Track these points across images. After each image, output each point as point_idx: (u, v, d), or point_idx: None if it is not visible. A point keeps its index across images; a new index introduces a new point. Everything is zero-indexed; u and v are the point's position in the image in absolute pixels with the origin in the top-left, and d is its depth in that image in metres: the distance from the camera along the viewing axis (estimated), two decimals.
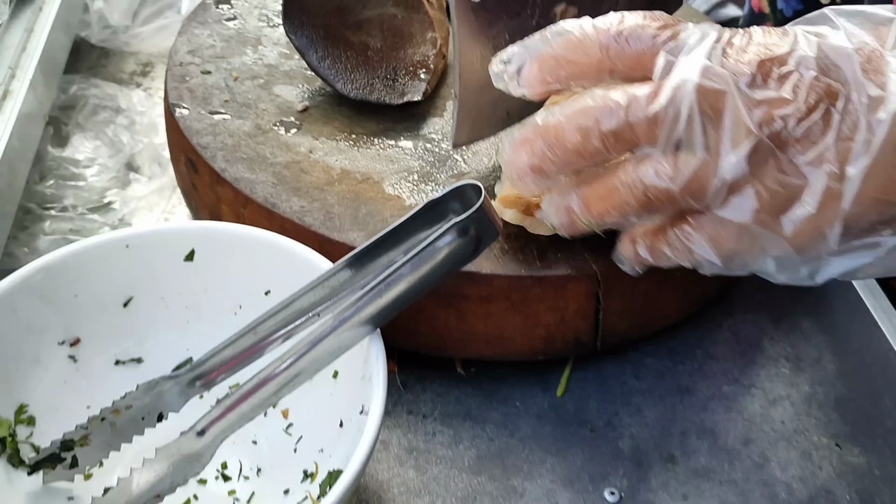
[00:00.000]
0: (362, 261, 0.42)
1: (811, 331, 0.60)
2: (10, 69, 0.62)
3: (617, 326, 0.53)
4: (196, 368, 0.46)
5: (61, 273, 0.48)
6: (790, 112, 0.39)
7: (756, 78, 0.40)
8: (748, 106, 0.40)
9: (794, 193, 0.40)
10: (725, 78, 0.40)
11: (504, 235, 0.51)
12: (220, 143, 0.56)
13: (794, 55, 0.41)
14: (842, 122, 0.40)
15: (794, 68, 0.40)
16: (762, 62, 0.40)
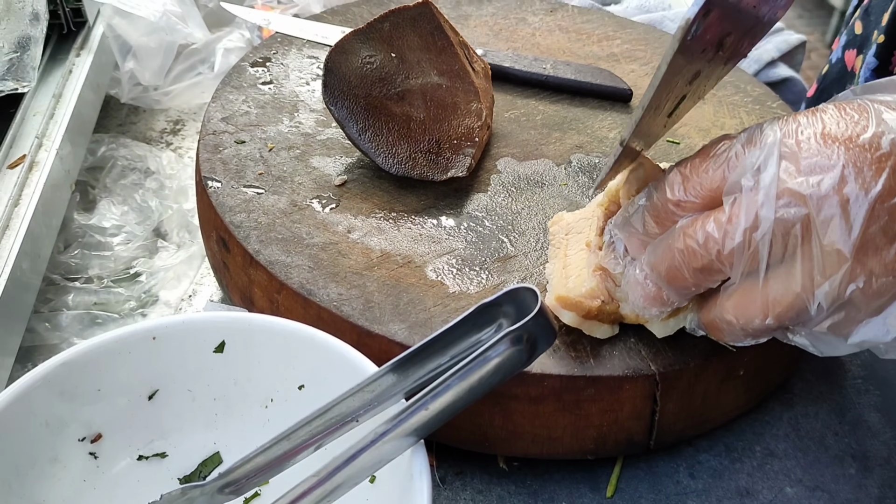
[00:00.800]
0: (407, 366, 0.39)
1: (879, 426, 0.56)
2: (37, 138, 0.60)
3: (673, 426, 0.50)
4: (226, 476, 0.43)
5: (84, 368, 0.45)
6: (895, 203, 0.36)
7: (846, 170, 0.37)
8: (841, 210, 0.37)
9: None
10: (804, 197, 0.37)
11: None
12: (254, 221, 0.53)
13: (885, 137, 0.37)
14: None
15: (890, 150, 0.37)
16: (850, 149, 0.37)
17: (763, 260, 0.38)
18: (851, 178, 0.36)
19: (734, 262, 0.39)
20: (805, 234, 0.37)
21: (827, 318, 0.39)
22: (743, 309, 0.40)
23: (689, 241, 0.40)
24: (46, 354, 0.57)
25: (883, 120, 0.38)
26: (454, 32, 0.60)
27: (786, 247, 0.38)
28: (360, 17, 0.76)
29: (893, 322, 0.38)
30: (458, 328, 0.40)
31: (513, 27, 0.78)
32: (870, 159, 0.37)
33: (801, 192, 0.37)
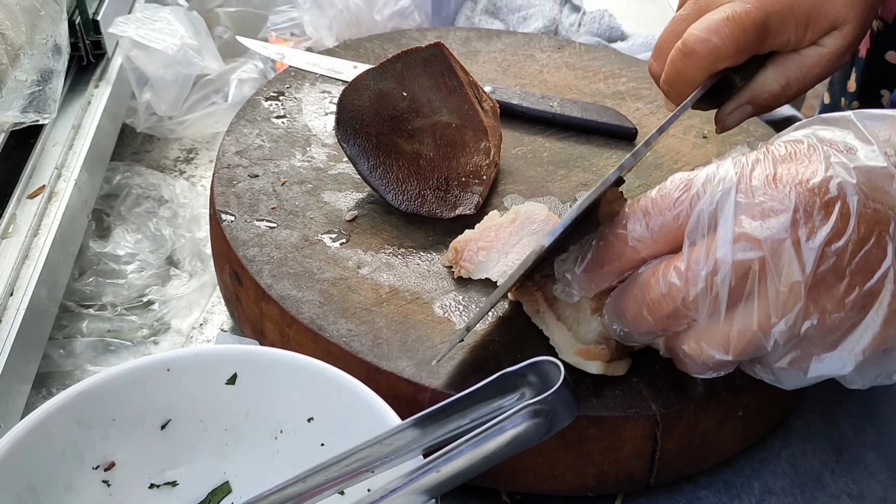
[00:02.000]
0: (427, 423, 0.40)
1: (876, 466, 0.57)
2: (56, 169, 0.61)
3: (673, 464, 0.51)
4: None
5: (100, 397, 0.46)
6: (843, 245, 0.39)
7: (797, 214, 0.39)
8: (793, 254, 0.39)
9: (854, 325, 0.40)
10: (759, 241, 0.39)
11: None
12: (266, 255, 0.54)
13: (833, 182, 0.40)
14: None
15: (837, 194, 0.39)
16: (800, 193, 0.39)
17: (723, 302, 0.40)
18: (802, 222, 0.39)
19: (699, 306, 0.41)
20: (761, 275, 0.40)
21: (785, 355, 0.41)
22: (703, 345, 0.42)
23: (651, 294, 0.42)
24: (60, 381, 0.58)
25: (831, 164, 0.40)
26: (464, 72, 0.62)
27: (744, 287, 0.40)
28: (371, 52, 0.78)
29: (848, 356, 0.40)
30: (481, 392, 0.41)
31: (521, 63, 0.79)
32: (818, 203, 0.39)
33: (756, 235, 0.39)
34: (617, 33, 0.93)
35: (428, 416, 0.40)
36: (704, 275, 0.40)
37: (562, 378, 0.37)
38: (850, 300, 0.39)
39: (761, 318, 0.40)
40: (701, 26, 0.52)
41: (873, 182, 0.40)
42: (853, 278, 0.39)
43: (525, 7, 0.94)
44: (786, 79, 0.56)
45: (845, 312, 0.39)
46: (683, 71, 0.53)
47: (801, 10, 0.53)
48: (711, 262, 0.40)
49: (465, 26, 0.92)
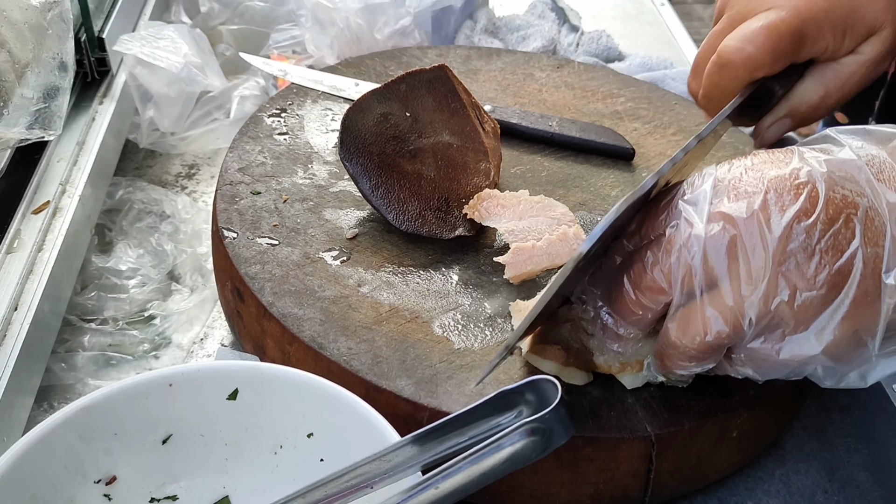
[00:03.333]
0: (426, 440, 0.41)
1: (868, 485, 0.58)
2: (60, 184, 0.62)
3: (668, 483, 0.51)
4: None
5: (102, 412, 0.47)
6: (812, 223, 0.41)
7: (768, 195, 0.41)
8: (764, 228, 0.41)
9: (824, 305, 0.42)
10: (732, 219, 0.41)
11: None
12: (268, 273, 0.55)
13: (803, 170, 0.42)
14: (865, 229, 0.41)
15: (807, 180, 0.41)
16: (772, 179, 0.42)
17: (697, 276, 0.43)
18: (773, 202, 0.41)
19: (672, 280, 0.43)
20: (732, 252, 0.42)
21: (760, 335, 0.43)
22: (685, 328, 0.44)
23: (636, 266, 0.45)
24: (62, 394, 0.59)
25: (804, 158, 0.43)
26: (467, 94, 0.63)
27: (718, 266, 0.42)
28: (373, 69, 0.78)
29: (819, 335, 0.42)
30: (479, 410, 0.41)
31: (520, 82, 0.80)
32: (789, 186, 0.42)
33: (729, 213, 0.42)
34: (614, 53, 0.94)
35: (427, 434, 0.41)
36: (678, 247, 0.43)
37: (559, 397, 0.38)
38: (821, 278, 0.41)
39: (735, 295, 0.42)
40: (736, 36, 0.53)
41: (843, 171, 0.42)
42: (822, 257, 0.41)
43: (524, 27, 0.95)
44: (825, 88, 0.57)
45: (816, 290, 0.41)
46: (720, 83, 0.54)
47: (837, 16, 0.54)
48: (686, 237, 0.43)
49: (465, 45, 0.93)
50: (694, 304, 0.43)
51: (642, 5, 1.17)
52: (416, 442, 0.41)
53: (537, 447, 0.38)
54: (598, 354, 0.50)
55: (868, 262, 0.41)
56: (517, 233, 0.57)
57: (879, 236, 0.41)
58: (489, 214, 0.59)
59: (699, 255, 0.42)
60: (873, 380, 0.44)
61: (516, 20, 0.96)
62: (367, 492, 0.41)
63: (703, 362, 0.46)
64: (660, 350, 0.47)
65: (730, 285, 0.42)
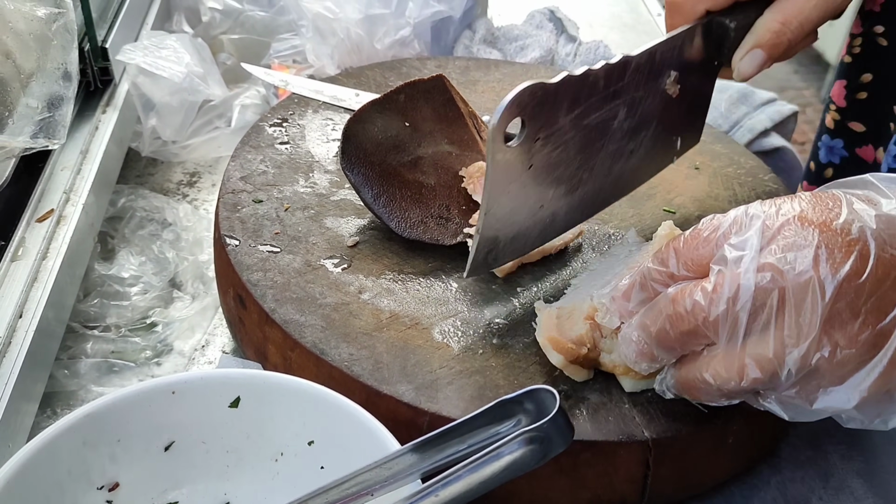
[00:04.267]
0: (426, 448, 0.42)
1: (862, 492, 0.58)
2: (64, 193, 0.63)
3: (665, 489, 0.52)
4: None
5: (106, 419, 0.47)
6: (861, 283, 0.41)
7: (819, 250, 0.41)
8: (815, 285, 0.41)
9: (862, 363, 0.42)
10: (782, 272, 0.41)
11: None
12: (270, 280, 0.56)
13: (854, 224, 0.42)
14: None
15: (858, 237, 0.41)
16: (824, 232, 0.42)
17: (742, 326, 0.42)
18: (823, 259, 0.41)
19: (719, 328, 0.43)
20: (780, 305, 0.42)
21: (795, 385, 0.43)
22: (721, 371, 0.44)
23: (677, 308, 0.44)
24: (65, 401, 0.59)
25: (854, 210, 0.42)
26: (464, 103, 0.64)
27: (762, 316, 0.42)
28: (373, 79, 0.79)
29: (854, 392, 0.42)
30: (478, 419, 0.42)
31: None
32: (840, 242, 0.41)
33: (779, 266, 0.41)
34: None
35: (427, 442, 0.42)
36: (727, 297, 0.42)
37: (557, 406, 0.39)
38: (863, 338, 0.41)
39: (777, 347, 0.42)
40: None
41: (892, 230, 0.42)
42: (867, 317, 0.41)
43: (522, 37, 0.96)
44: (783, 16, 0.59)
45: (856, 349, 0.41)
46: (673, 23, 0.60)
47: None
48: (734, 287, 0.42)
49: (464, 55, 0.94)
50: (734, 347, 0.43)
51: (639, 15, 1.18)
52: (416, 450, 0.42)
53: (536, 455, 0.39)
54: (605, 354, 0.52)
55: None
56: None
57: None
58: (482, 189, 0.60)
59: (747, 308, 0.42)
60: (895, 425, 0.45)
61: (514, 30, 0.97)
62: (368, 499, 0.42)
63: (732, 400, 0.46)
64: (689, 381, 0.47)
65: (774, 337, 0.42)
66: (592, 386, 0.52)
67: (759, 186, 0.71)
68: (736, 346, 0.43)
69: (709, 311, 0.43)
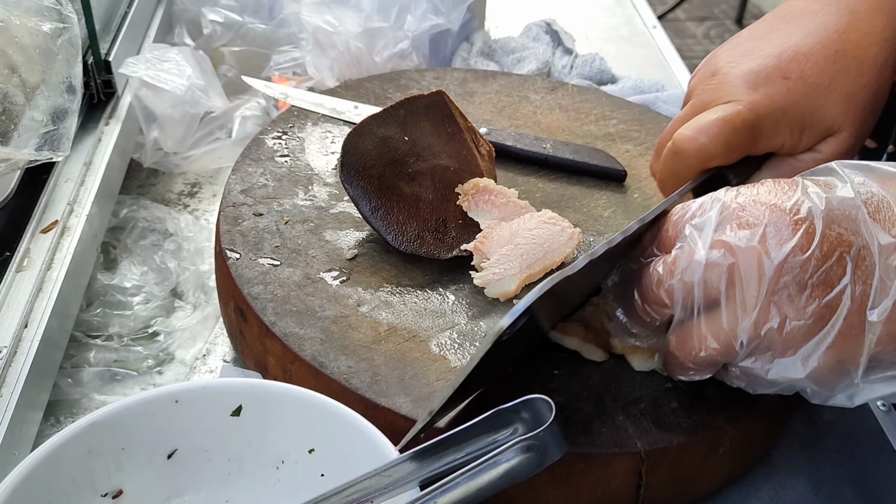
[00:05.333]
0: (424, 456, 0.43)
1: (852, 499, 0.59)
2: (68, 204, 0.64)
3: (658, 498, 0.53)
4: None
5: (110, 427, 0.48)
6: (806, 258, 0.43)
7: (768, 228, 0.44)
8: (762, 260, 0.44)
9: (811, 334, 0.44)
10: (732, 248, 0.44)
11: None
12: (270, 293, 0.57)
13: (804, 205, 0.44)
14: (856, 267, 0.44)
15: (806, 216, 0.44)
16: (773, 212, 0.44)
17: (697, 299, 0.46)
18: (771, 235, 0.44)
19: (674, 298, 0.47)
20: (731, 279, 0.45)
21: (751, 356, 0.46)
22: (682, 343, 0.48)
23: (644, 280, 0.49)
24: (68, 409, 0.60)
25: (807, 192, 0.45)
26: (463, 118, 0.65)
27: (716, 289, 0.45)
28: (372, 92, 0.80)
29: (804, 361, 0.45)
30: (476, 428, 0.43)
31: (515, 105, 0.82)
32: (787, 221, 0.44)
33: (731, 242, 0.45)
34: (607, 76, 0.96)
35: (425, 450, 0.43)
36: (681, 269, 0.46)
37: (553, 415, 0.40)
38: (810, 310, 0.44)
39: (729, 318, 0.45)
40: (691, 126, 0.55)
41: (840, 210, 0.45)
42: (813, 290, 0.44)
43: (519, 49, 0.98)
44: (776, 176, 0.57)
45: (804, 321, 0.44)
46: (674, 169, 0.56)
47: (795, 115, 0.55)
48: (688, 261, 0.46)
49: (462, 67, 0.95)
50: (692, 321, 0.47)
51: (635, 27, 1.19)
52: (414, 458, 0.43)
53: (532, 463, 0.40)
54: (613, 336, 0.54)
55: (855, 298, 0.43)
56: (495, 238, 0.60)
57: (869, 275, 0.44)
58: (477, 207, 0.62)
59: (699, 279, 0.45)
60: (859, 402, 0.47)
61: (511, 43, 0.99)
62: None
63: (700, 373, 0.49)
64: (664, 357, 0.51)
65: (726, 309, 0.45)
66: (586, 398, 0.53)
67: None
68: (693, 319, 0.46)
69: (666, 281, 0.47)
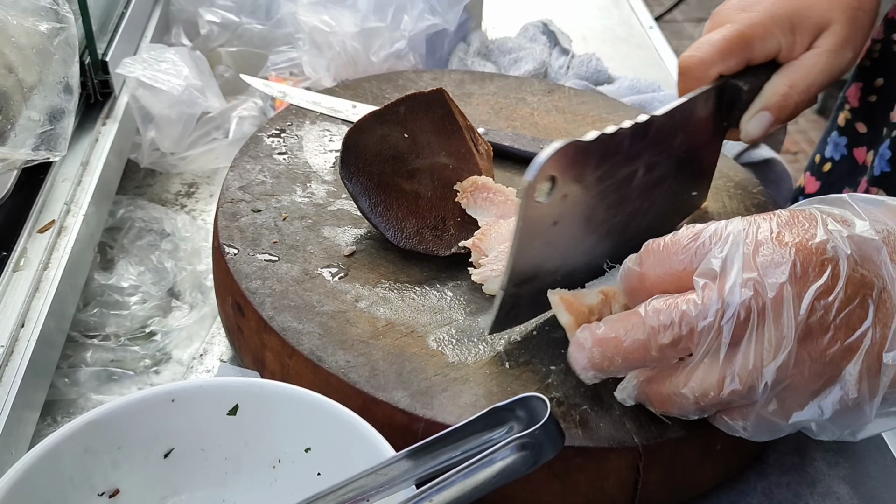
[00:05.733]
0: (421, 454, 0.43)
1: (847, 498, 0.59)
2: (65, 204, 0.64)
3: (655, 494, 0.53)
4: None
5: (107, 426, 0.48)
6: (831, 301, 0.43)
7: (796, 267, 0.43)
8: (790, 301, 0.43)
9: (832, 377, 0.44)
10: (763, 287, 0.43)
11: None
12: (268, 288, 0.57)
13: (829, 244, 0.44)
14: (878, 310, 0.43)
15: (832, 256, 0.43)
16: (800, 250, 0.43)
17: (726, 339, 0.44)
18: (799, 275, 0.43)
19: (701, 340, 0.44)
20: (760, 319, 0.43)
21: (771, 400, 0.45)
22: (700, 383, 0.45)
23: (662, 318, 0.45)
24: (65, 409, 0.60)
25: (829, 230, 0.44)
26: (462, 117, 0.65)
27: (744, 330, 0.44)
28: (369, 92, 0.81)
29: (826, 404, 0.44)
30: (471, 426, 0.43)
31: (513, 106, 0.82)
32: (815, 261, 0.43)
33: (760, 281, 0.43)
34: (604, 77, 0.97)
35: (421, 448, 0.43)
36: (715, 310, 0.44)
37: (548, 413, 0.40)
38: (831, 352, 0.43)
39: (756, 360, 0.43)
40: (690, 48, 0.63)
41: (863, 251, 0.44)
42: (836, 332, 0.43)
43: (516, 50, 0.98)
44: (790, 80, 0.63)
45: (824, 364, 0.43)
46: (685, 88, 0.63)
47: (781, 18, 0.62)
48: (721, 300, 0.44)
49: (459, 68, 0.95)
50: (715, 360, 0.45)
51: (631, 28, 1.20)
52: (410, 456, 0.43)
53: (527, 461, 0.40)
54: None
55: (875, 341, 0.43)
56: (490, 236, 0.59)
57: (889, 317, 0.43)
58: (476, 205, 0.62)
59: (732, 320, 0.43)
60: (863, 436, 0.47)
61: (508, 43, 0.99)
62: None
63: (705, 413, 0.48)
64: (662, 394, 0.48)
65: (754, 350, 0.44)
66: (584, 393, 0.53)
67: (748, 199, 0.72)
68: (718, 359, 0.44)
69: (696, 322, 0.44)
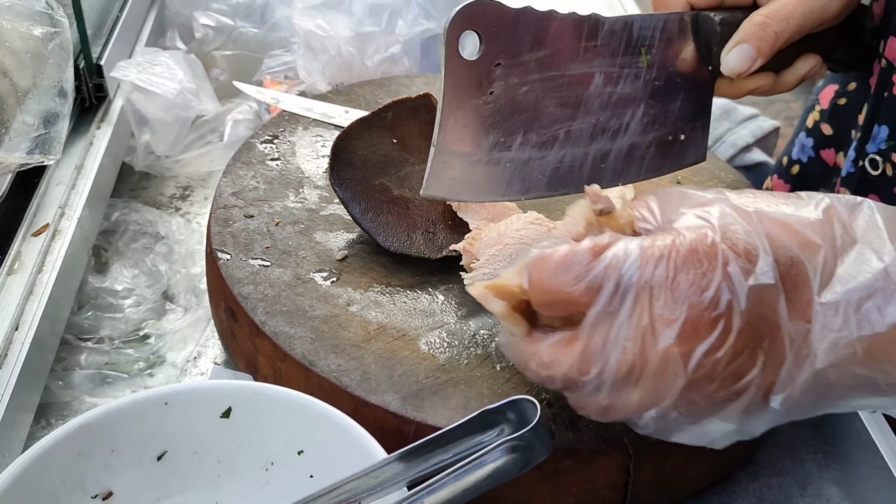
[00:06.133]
0: (412, 457, 0.43)
1: (838, 499, 0.60)
2: (59, 208, 0.64)
3: (645, 496, 0.53)
4: None
5: (100, 429, 0.48)
6: (719, 357, 0.42)
7: (686, 326, 0.42)
8: (677, 363, 0.42)
9: (713, 414, 0.44)
10: (651, 341, 0.42)
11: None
12: (260, 293, 0.57)
13: (723, 298, 0.42)
14: (767, 359, 0.43)
15: (723, 312, 0.42)
16: (692, 306, 0.42)
17: (606, 386, 0.43)
18: (687, 334, 0.42)
19: (584, 386, 0.44)
20: (641, 373, 0.43)
21: (651, 425, 0.45)
22: (585, 406, 0.46)
23: (545, 373, 0.45)
24: (59, 412, 0.60)
25: (727, 273, 0.42)
26: None
27: (628, 379, 0.43)
28: (362, 97, 0.81)
29: (709, 433, 0.45)
30: (462, 429, 0.44)
31: None
32: (706, 319, 0.42)
33: (645, 337, 0.42)
34: None
35: (412, 451, 0.43)
36: (597, 362, 0.43)
37: (538, 415, 0.41)
38: (718, 397, 0.43)
39: (637, 405, 0.44)
40: None
41: (761, 299, 0.42)
42: (723, 382, 0.43)
43: None
44: (766, 10, 0.62)
45: (711, 405, 0.44)
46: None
47: None
48: (604, 356, 0.43)
49: None
50: (596, 396, 0.44)
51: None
52: (402, 459, 0.43)
53: (518, 463, 0.40)
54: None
55: (761, 387, 0.43)
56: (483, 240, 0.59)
57: (779, 365, 0.43)
58: (466, 208, 0.63)
59: (611, 374, 0.43)
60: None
61: None
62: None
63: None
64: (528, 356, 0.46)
65: (636, 398, 0.43)
66: None
67: None
68: (598, 397, 0.44)
69: (575, 372, 0.43)
